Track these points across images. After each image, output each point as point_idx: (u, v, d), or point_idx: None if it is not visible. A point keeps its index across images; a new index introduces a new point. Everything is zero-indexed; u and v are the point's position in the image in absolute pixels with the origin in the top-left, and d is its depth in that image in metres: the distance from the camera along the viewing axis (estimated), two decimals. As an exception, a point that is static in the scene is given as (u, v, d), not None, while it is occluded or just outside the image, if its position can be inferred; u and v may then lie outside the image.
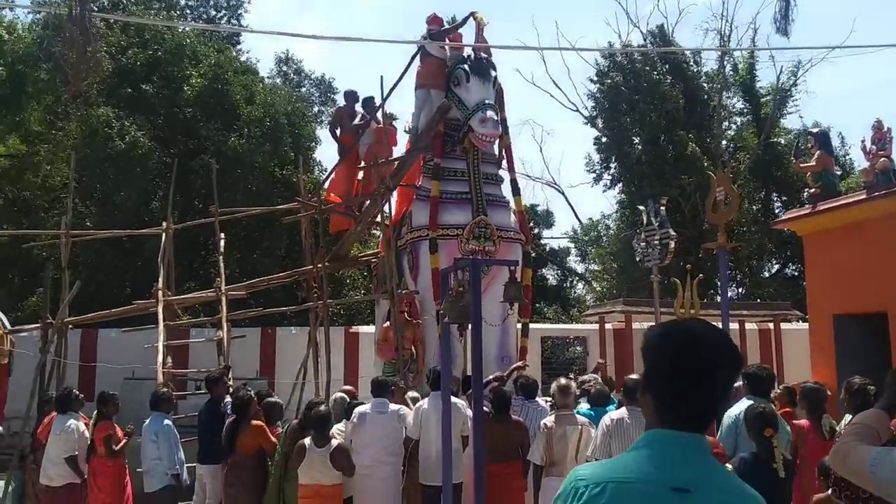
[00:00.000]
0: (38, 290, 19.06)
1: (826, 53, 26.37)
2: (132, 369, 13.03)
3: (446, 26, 12.21)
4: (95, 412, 7.95)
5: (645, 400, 1.89)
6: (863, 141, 11.33)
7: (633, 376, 6.65)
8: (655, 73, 26.94)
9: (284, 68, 30.32)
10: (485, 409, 6.92)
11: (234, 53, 25.48)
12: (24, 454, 10.08)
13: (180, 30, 21.81)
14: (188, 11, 27.27)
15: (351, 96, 13.83)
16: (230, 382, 9.67)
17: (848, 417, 5.74)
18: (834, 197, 11.33)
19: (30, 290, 21.29)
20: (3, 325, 12.49)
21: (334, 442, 6.89)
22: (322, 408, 7.02)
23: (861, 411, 5.70)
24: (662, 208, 11.69)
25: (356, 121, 13.33)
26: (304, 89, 29.37)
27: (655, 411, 1.85)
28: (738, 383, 7.04)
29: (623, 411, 6.25)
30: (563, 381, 7.23)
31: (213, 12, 27.23)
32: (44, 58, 19.04)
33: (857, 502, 4.99)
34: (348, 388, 8.91)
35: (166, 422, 8.07)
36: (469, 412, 6.78)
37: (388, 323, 11.08)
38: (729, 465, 4.85)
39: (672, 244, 11.32)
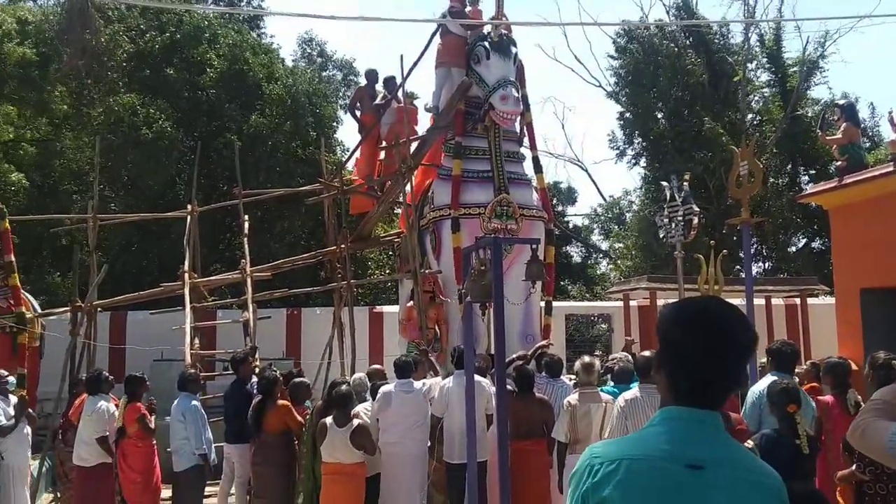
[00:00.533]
0: (67, 274, 19.34)
1: (855, 23, 25.91)
2: (161, 351, 13.21)
3: (468, 4, 12.09)
4: (125, 394, 8.09)
5: (659, 377, 1.90)
6: (890, 112, 11.15)
7: (646, 353, 6.65)
8: (677, 47, 26.61)
9: (308, 50, 30.29)
10: (509, 387, 6.96)
11: (256, 37, 25.51)
12: (56, 435, 10.29)
13: (199, 13, 21.87)
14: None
15: (371, 76, 13.80)
16: (256, 363, 9.79)
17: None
18: (861, 170, 11.17)
19: (58, 273, 21.60)
20: (34, 309, 12.68)
21: (355, 422, 6.97)
22: (343, 387, 7.10)
23: (885, 385, 5.68)
24: (686, 184, 11.58)
25: (377, 101, 13.32)
26: (326, 72, 29.34)
27: (669, 389, 1.86)
28: (763, 360, 7.02)
29: (636, 390, 6.25)
30: (586, 358, 7.25)
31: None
32: (62, 42, 19.19)
33: (881, 477, 4.99)
34: (378, 367, 8.95)
35: (193, 402, 8.21)
36: (493, 390, 6.81)
37: (411, 303, 11.12)
38: (750, 442, 4.85)
39: (696, 220, 11.21)
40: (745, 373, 1.95)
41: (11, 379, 8.59)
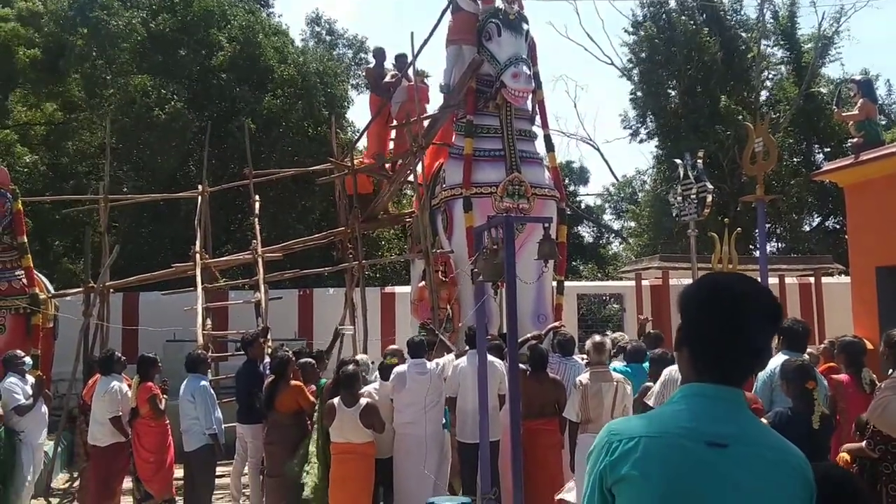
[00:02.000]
0: (80, 257, 19.41)
1: (870, -1, 25.51)
2: (173, 332, 13.26)
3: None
4: (137, 375, 8.12)
5: (681, 354, 1.86)
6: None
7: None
8: (693, 23, 26.33)
9: (317, 29, 30.13)
10: (522, 366, 6.95)
11: (266, 16, 25.38)
12: (72, 415, 10.38)
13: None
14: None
15: (379, 54, 13.71)
16: (269, 343, 9.80)
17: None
18: (878, 146, 11.03)
19: (71, 254, 21.69)
20: (47, 290, 12.74)
21: (363, 401, 6.97)
22: (350, 367, 7.10)
23: (902, 364, 5.62)
24: (700, 161, 11.47)
25: (387, 79, 13.24)
26: (336, 51, 29.21)
27: (691, 365, 1.82)
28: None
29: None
30: (597, 337, 7.23)
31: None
32: (80, 23, 19.10)
33: (888, 455, 4.96)
34: (396, 347, 8.95)
35: (203, 383, 8.24)
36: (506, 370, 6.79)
37: (423, 283, 11.09)
38: (764, 420, 4.81)
39: (709, 198, 11.11)
40: (769, 348, 1.90)
41: (28, 360, 8.66)
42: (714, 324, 1.77)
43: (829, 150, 26.51)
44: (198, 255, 12.37)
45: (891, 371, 5.42)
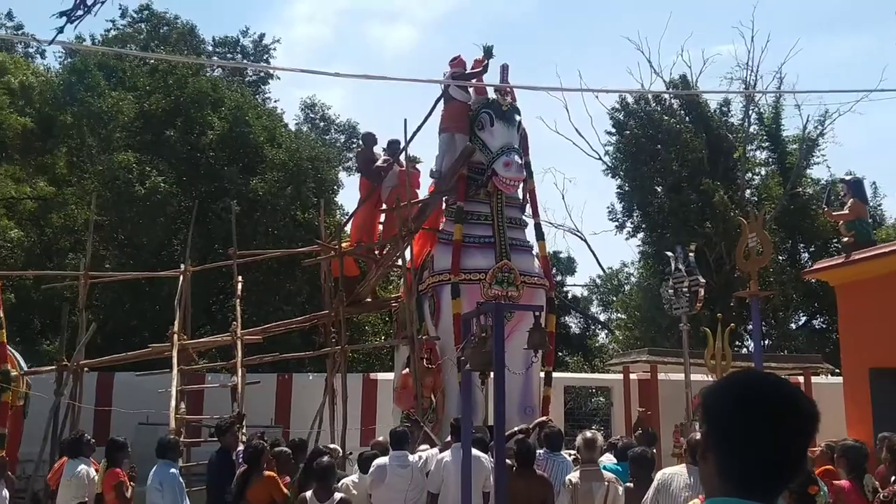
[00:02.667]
0: (59, 333, 19.00)
1: (854, 104, 26.10)
2: (147, 414, 12.82)
3: (468, 69, 12.08)
4: (104, 459, 7.75)
5: (706, 463, 1.61)
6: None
7: (697, 436, 6.27)
8: (675, 121, 26.80)
9: (311, 114, 30.55)
10: (508, 462, 6.62)
11: (261, 101, 25.70)
12: (37, 498, 9.91)
13: (208, 73, 21.97)
14: (215, 58, 27.66)
15: (369, 139, 13.76)
16: (243, 431, 9.43)
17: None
18: (868, 246, 10.99)
19: (49, 333, 21.25)
20: (20, 366, 12.35)
21: (337, 496, 6.57)
22: (325, 459, 6.74)
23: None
24: (691, 254, 11.39)
25: (378, 163, 13.23)
26: (329, 136, 29.55)
27: (722, 476, 1.58)
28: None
29: (682, 468, 5.91)
30: (588, 433, 6.94)
31: (240, 56, 27.59)
32: (69, 102, 19.23)
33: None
34: (382, 439, 8.56)
35: (172, 470, 7.83)
36: (492, 466, 6.47)
37: (407, 370, 10.81)
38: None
39: (702, 292, 10.99)
40: (807, 458, 1.68)
41: (-7, 439, 8.29)
42: (759, 429, 1.55)
43: (814, 249, 26.67)
44: (175, 336, 12.05)
45: (894, 479, 5.18)
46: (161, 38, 26.01)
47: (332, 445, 8.24)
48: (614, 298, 33.47)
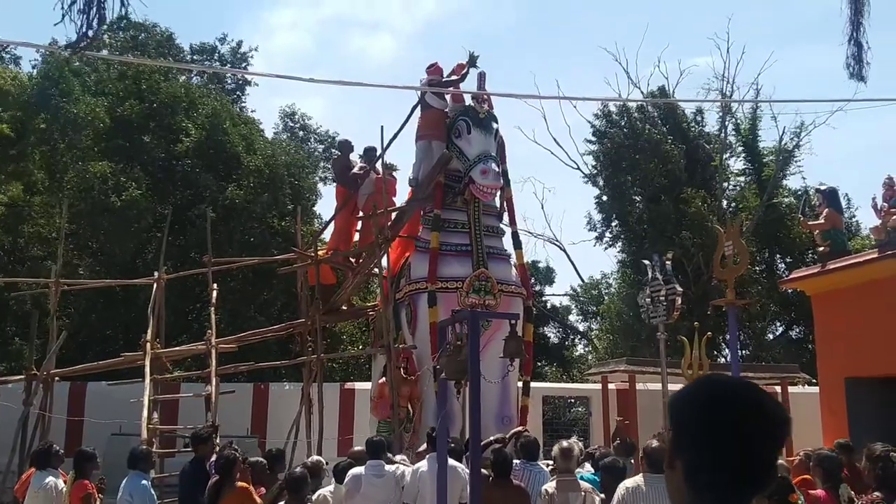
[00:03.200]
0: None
1: (829, 116, 26.34)
2: (119, 424, 12.62)
3: (445, 77, 12.03)
4: (73, 470, 7.57)
5: (673, 472, 1.55)
6: (873, 198, 11.09)
7: (654, 443, 6.21)
8: (656, 131, 26.93)
9: (290, 123, 30.39)
10: (484, 472, 6.53)
11: (239, 109, 25.52)
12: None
13: (181, 79, 21.76)
14: (192, 63, 27.46)
15: (345, 146, 13.68)
16: (217, 441, 9.27)
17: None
18: (843, 256, 11.05)
19: (22, 342, 20.90)
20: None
21: (311, 507, 6.47)
22: (297, 469, 6.63)
23: (884, 480, 5.35)
24: (668, 263, 11.38)
25: (355, 170, 13.13)
26: (308, 145, 29.42)
27: (688, 484, 1.51)
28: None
29: (639, 478, 5.83)
30: (565, 443, 6.86)
31: (218, 64, 27.42)
32: (43, 107, 18.98)
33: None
34: (359, 449, 8.45)
35: (143, 482, 7.66)
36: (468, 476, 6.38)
37: (383, 379, 10.70)
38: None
39: (679, 300, 10.96)
40: (777, 465, 1.61)
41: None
42: (727, 434, 1.48)
43: (790, 260, 26.84)
44: (148, 345, 11.87)
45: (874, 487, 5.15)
46: (139, 46, 25.81)
47: (315, 458, 8.08)
48: (594, 308, 33.50)
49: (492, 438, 8.01)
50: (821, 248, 11.49)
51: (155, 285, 13.16)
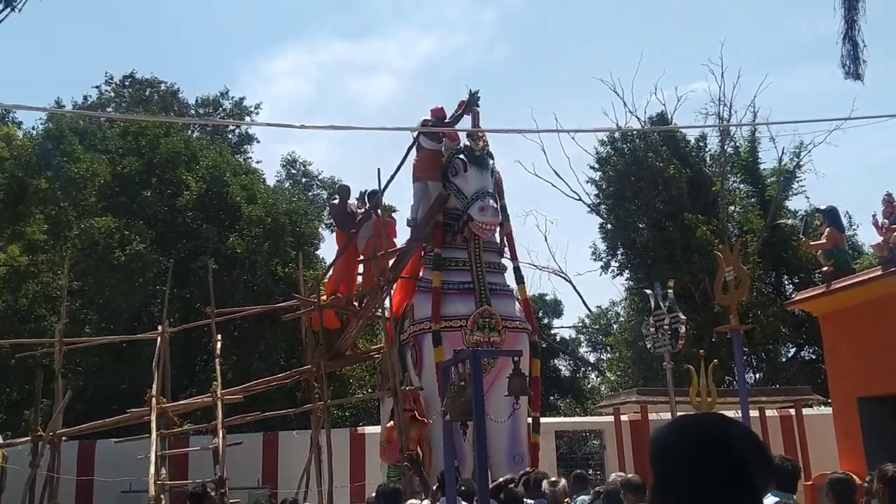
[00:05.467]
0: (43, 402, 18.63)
1: (827, 134, 26.38)
2: (129, 482, 12.50)
3: (449, 117, 12.09)
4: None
5: None
6: (874, 215, 11.01)
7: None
8: (659, 159, 26.96)
9: (292, 171, 30.62)
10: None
11: (242, 161, 25.71)
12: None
13: (187, 133, 21.93)
14: (193, 116, 27.78)
15: (344, 192, 13.71)
16: (227, 496, 9.15)
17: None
18: (848, 274, 10.94)
19: (29, 402, 20.82)
20: (-6, 440, 12.05)
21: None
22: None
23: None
24: (670, 291, 11.30)
25: (354, 213, 13.14)
26: (311, 192, 29.60)
27: None
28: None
29: None
30: (552, 478, 6.83)
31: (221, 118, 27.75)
32: (44, 167, 19.14)
33: None
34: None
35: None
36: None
37: (391, 423, 10.59)
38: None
39: (683, 329, 10.85)
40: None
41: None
42: (705, 475, 1.44)
43: (798, 280, 26.69)
44: (154, 400, 11.79)
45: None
46: (143, 102, 26.14)
47: None
48: (602, 339, 33.26)
49: (500, 480, 7.90)
50: (825, 268, 11.39)
51: (159, 339, 13.12)
